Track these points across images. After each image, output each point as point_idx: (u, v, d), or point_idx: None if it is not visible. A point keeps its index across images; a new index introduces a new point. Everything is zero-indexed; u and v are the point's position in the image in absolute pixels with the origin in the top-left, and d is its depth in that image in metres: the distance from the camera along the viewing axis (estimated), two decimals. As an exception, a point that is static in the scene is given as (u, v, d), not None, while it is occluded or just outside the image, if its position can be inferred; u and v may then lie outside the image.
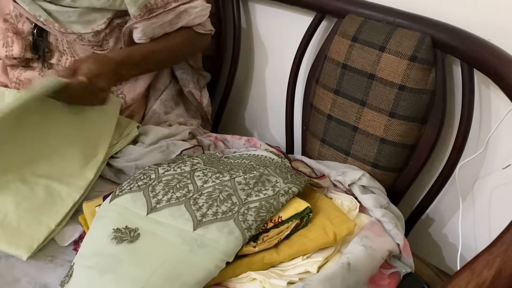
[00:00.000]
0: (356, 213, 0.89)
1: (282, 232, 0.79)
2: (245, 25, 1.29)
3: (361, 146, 1.00)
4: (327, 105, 1.04)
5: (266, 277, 0.72)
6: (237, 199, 0.80)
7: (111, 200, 0.81)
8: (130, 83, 1.10)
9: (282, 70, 1.22)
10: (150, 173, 0.87)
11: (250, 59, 1.33)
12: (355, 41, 0.98)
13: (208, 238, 0.73)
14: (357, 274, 0.74)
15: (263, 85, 1.34)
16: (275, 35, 1.25)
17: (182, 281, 0.66)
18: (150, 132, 1.08)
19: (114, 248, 0.70)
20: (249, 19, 1.29)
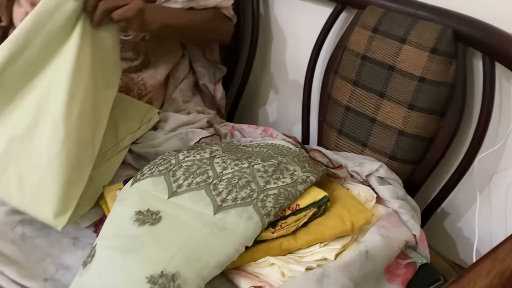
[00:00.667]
0: (373, 204, 0.90)
1: (300, 219, 0.80)
2: (263, 15, 1.30)
3: (378, 138, 1.00)
4: (345, 96, 1.04)
5: (284, 263, 0.73)
6: (256, 186, 0.81)
7: (132, 183, 0.82)
8: (150, 70, 1.11)
9: (300, 61, 1.23)
10: (170, 159, 0.88)
11: (267, 50, 1.34)
12: (376, 32, 0.98)
13: (228, 222, 0.74)
14: (375, 262, 0.74)
15: (279, 76, 1.35)
16: (294, 26, 1.25)
17: (202, 263, 0.67)
18: (170, 118, 1.10)
19: (136, 229, 0.71)
20: (267, 10, 1.29)
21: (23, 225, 0.82)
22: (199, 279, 0.66)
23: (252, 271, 0.74)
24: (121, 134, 0.98)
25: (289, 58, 1.30)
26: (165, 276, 0.63)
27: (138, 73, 1.10)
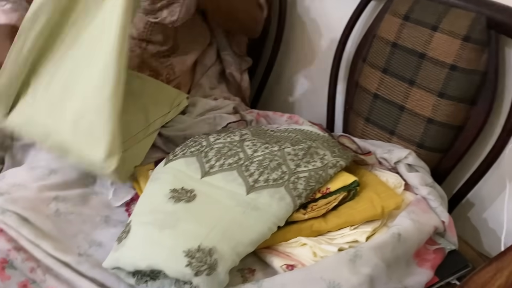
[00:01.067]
0: (401, 191, 0.90)
1: (330, 202, 0.80)
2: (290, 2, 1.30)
3: (407, 126, 1.01)
4: (374, 83, 1.04)
5: (316, 243, 0.74)
6: (286, 168, 0.82)
7: (165, 163, 0.83)
8: (179, 56, 1.12)
9: (326, 49, 1.23)
10: (201, 141, 0.89)
11: (293, 38, 1.34)
12: (407, 20, 0.98)
13: (260, 202, 0.75)
14: (406, 245, 0.75)
15: (304, 63, 1.35)
16: (321, 14, 1.25)
17: (237, 240, 0.68)
18: (198, 103, 1.11)
19: (172, 206, 0.72)
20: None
21: (57, 202, 0.84)
22: (234, 255, 0.67)
23: (284, 251, 0.75)
24: (151, 117, 1.00)
25: (315, 45, 1.30)
26: (202, 250, 0.65)
27: (167, 58, 1.11)
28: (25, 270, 0.74)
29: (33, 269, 0.74)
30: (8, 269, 0.76)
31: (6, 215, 0.78)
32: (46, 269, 0.74)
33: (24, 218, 0.78)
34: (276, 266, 0.72)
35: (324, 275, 0.66)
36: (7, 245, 0.75)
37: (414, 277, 0.75)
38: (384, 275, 0.69)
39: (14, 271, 0.75)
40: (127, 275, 0.70)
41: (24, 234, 0.76)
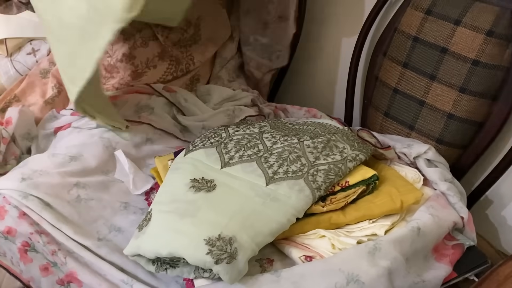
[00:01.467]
0: (420, 186, 0.90)
1: (349, 196, 0.81)
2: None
3: (426, 121, 1.00)
4: (394, 78, 1.03)
5: (335, 235, 0.74)
6: (306, 160, 0.82)
7: (185, 154, 0.84)
8: (200, 46, 1.13)
9: (345, 43, 1.22)
10: (220, 132, 0.90)
11: (312, 32, 1.34)
12: (429, 14, 0.97)
13: (280, 193, 0.75)
14: (425, 240, 0.75)
15: (322, 58, 1.34)
16: (341, 7, 1.25)
17: (257, 230, 0.69)
18: (215, 92, 1.12)
19: (192, 195, 0.73)
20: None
21: (78, 188, 0.85)
22: (253, 245, 0.67)
23: (302, 242, 0.75)
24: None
25: (334, 39, 1.29)
26: (223, 239, 0.65)
27: (188, 48, 1.12)
28: (46, 253, 0.76)
29: (54, 252, 0.76)
30: (31, 252, 0.78)
31: (29, 199, 0.79)
32: (67, 252, 0.76)
33: (46, 203, 0.80)
34: (294, 257, 0.72)
35: (343, 266, 0.67)
36: (29, 228, 0.77)
37: (433, 271, 0.75)
38: (402, 268, 0.69)
39: (36, 254, 0.77)
40: (147, 263, 0.72)
41: (46, 218, 0.78)
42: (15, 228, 0.77)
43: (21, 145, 0.99)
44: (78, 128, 0.99)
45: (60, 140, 0.98)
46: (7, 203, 0.79)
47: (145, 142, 1.00)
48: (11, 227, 0.78)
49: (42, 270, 0.78)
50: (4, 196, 0.80)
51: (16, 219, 0.78)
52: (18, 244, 0.78)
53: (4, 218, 0.78)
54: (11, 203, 0.79)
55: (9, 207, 0.79)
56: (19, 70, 1.14)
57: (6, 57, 1.13)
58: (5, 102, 1.06)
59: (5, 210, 0.79)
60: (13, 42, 1.13)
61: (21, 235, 0.77)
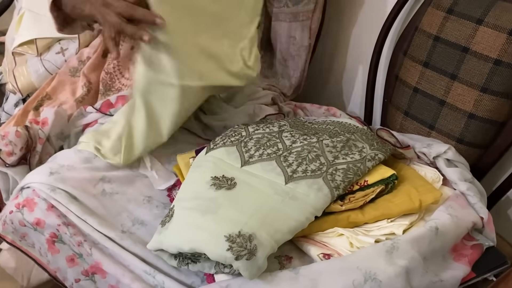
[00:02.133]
0: (439, 186, 0.90)
1: (368, 195, 0.81)
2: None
3: (447, 121, 1.00)
4: (414, 77, 1.03)
5: (353, 234, 0.75)
6: (325, 160, 0.83)
7: (206, 152, 0.86)
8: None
9: (366, 42, 1.22)
10: (240, 131, 0.92)
11: (332, 29, 1.34)
12: (450, 13, 0.96)
13: (298, 192, 0.76)
14: (443, 239, 0.75)
15: (343, 55, 1.35)
16: (362, 5, 1.25)
17: (276, 228, 0.71)
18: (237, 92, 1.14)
19: (214, 193, 0.75)
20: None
21: (103, 183, 0.88)
22: (273, 242, 0.69)
23: (320, 240, 0.76)
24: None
25: (354, 38, 1.30)
26: (243, 236, 0.67)
27: None
28: (73, 244, 0.79)
29: (80, 243, 0.79)
30: (58, 243, 0.81)
31: (56, 192, 0.83)
32: (92, 243, 0.79)
33: (73, 196, 0.83)
34: (313, 254, 0.74)
35: (361, 264, 0.68)
36: (57, 220, 0.80)
37: (451, 271, 0.75)
38: (420, 268, 0.70)
39: (63, 245, 0.81)
40: (170, 257, 0.74)
41: (73, 211, 0.81)
42: (43, 219, 0.81)
43: (55, 144, 1.03)
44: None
45: (87, 137, 1.01)
46: (36, 196, 0.83)
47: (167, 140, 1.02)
48: (40, 218, 0.81)
49: (68, 261, 0.81)
50: (34, 189, 0.84)
51: (45, 211, 0.81)
52: (47, 235, 0.81)
53: (33, 210, 0.82)
54: (40, 196, 0.83)
55: (38, 199, 0.82)
56: (49, 69, 1.17)
57: (36, 56, 1.17)
58: (38, 101, 1.10)
59: (35, 202, 0.82)
60: (42, 42, 1.17)
61: (49, 227, 0.81)
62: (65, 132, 1.03)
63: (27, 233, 0.83)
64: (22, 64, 1.17)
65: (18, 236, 0.85)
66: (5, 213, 0.85)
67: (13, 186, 0.92)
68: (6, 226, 0.85)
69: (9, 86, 1.18)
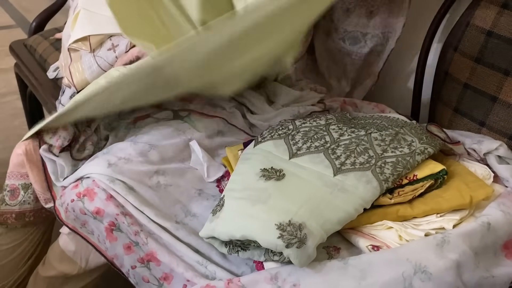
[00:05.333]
0: (490, 182, 0.88)
1: (417, 189, 0.81)
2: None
3: (499, 117, 0.98)
4: (465, 73, 1.02)
5: (402, 227, 0.75)
6: (373, 153, 0.83)
7: (255, 145, 0.88)
8: None
9: (414, 37, 1.21)
10: (287, 125, 0.93)
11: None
12: (506, 7, 0.95)
13: (347, 184, 0.77)
14: (495, 235, 0.74)
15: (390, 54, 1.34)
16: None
17: (325, 218, 0.72)
18: (282, 93, 1.15)
19: (263, 184, 0.77)
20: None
21: (158, 175, 0.92)
22: (322, 232, 0.70)
23: (368, 232, 0.77)
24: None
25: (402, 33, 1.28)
26: (293, 225, 0.69)
27: None
28: (130, 233, 0.83)
29: (137, 232, 0.82)
30: (116, 232, 0.85)
31: (115, 183, 0.87)
32: (148, 233, 0.83)
33: (130, 187, 0.87)
34: (361, 246, 0.74)
35: (411, 257, 0.68)
36: (115, 210, 0.84)
37: (503, 268, 0.74)
38: (471, 262, 0.69)
39: (121, 233, 0.85)
40: (220, 245, 0.76)
41: (130, 201, 0.85)
42: (103, 209, 0.85)
43: (102, 133, 1.08)
44: (156, 118, 1.06)
45: (140, 130, 1.06)
46: (96, 186, 0.87)
47: (216, 134, 1.06)
48: (100, 208, 0.85)
49: (125, 249, 0.85)
50: (94, 179, 0.88)
51: (104, 201, 0.86)
52: (105, 224, 0.85)
53: (93, 200, 0.86)
54: (100, 186, 0.87)
55: (98, 189, 0.87)
56: (101, 65, 1.23)
57: (89, 52, 1.23)
58: None
59: (95, 192, 0.87)
60: (95, 39, 1.22)
61: (108, 216, 0.85)
62: (113, 124, 1.08)
63: (87, 220, 0.88)
64: (77, 60, 1.23)
65: (79, 224, 0.90)
66: (66, 201, 0.90)
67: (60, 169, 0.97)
68: (68, 213, 0.90)
69: (65, 80, 1.24)
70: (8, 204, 1.00)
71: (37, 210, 1.02)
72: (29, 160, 0.96)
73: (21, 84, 1.65)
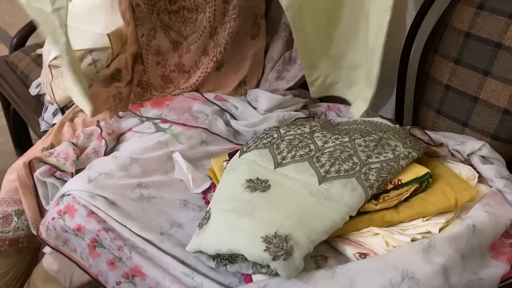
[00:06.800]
0: (475, 183, 0.88)
1: (402, 194, 0.81)
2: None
3: (480, 117, 0.98)
4: (446, 74, 1.03)
5: (388, 233, 0.75)
6: (357, 159, 0.83)
7: (240, 155, 0.88)
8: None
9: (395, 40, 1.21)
10: (272, 133, 0.93)
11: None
12: (481, 8, 0.95)
13: (333, 192, 0.77)
14: (481, 237, 0.74)
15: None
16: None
17: (311, 228, 0.71)
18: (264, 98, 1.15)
19: (249, 195, 0.76)
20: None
21: (140, 188, 0.91)
22: (309, 242, 0.70)
23: (356, 240, 0.76)
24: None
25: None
26: (279, 237, 0.68)
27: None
28: (113, 249, 0.82)
29: (120, 247, 0.81)
30: (98, 248, 0.84)
31: (96, 199, 0.86)
32: (132, 247, 0.82)
33: (112, 202, 0.86)
34: (349, 254, 0.74)
35: (398, 263, 0.68)
36: (97, 225, 0.83)
37: (490, 269, 0.74)
38: (458, 266, 0.69)
39: (103, 249, 0.83)
40: (208, 259, 0.76)
41: (112, 216, 0.84)
42: (84, 225, 0.84)
43: None
44: (139, 132, 1.05)
45: (122, 144, 1.05)
46: (76, 203, 0.86)
47: (199, 144, 1.05)
48: (81, 224, 0.84)
49: (109, 265, 0.84)
50: (74, 196, 0.87)
51: (85, 217, 0.84)
52: (87, 241, 0.84)
53: (74, 217, 0.85)
54: (80, 203, 0.86)
55: (78, 206, 0.86)
56: None
57: None
58: (73, 113, 1.14)
59: (75, 209, 0.86)
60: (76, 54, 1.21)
61: (89, 232, 0.84)
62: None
63: (68, 238, 0.87)
64: (58, 76, 1.21)
65: (60, 241, 0.89)
66: (47, 220, 0.88)
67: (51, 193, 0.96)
68: (49, 232, 0.88)
69: (47, 97, 1.22)
70: (1, 232, 0.98)
71: (31, 236, 1.01)
72: (22, 185, 0.96)
73: (4, 101, 1.63)
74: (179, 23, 1.17)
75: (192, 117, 1.09)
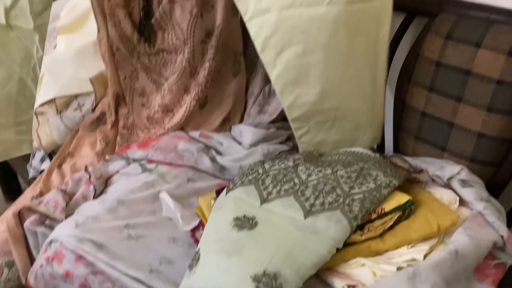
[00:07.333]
0: (456, 207, 0.91)
1: (386, 222, 0.83)
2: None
3: (457, 141, 1.02)
4: (421, 102, 1.06)
5: (375, 263, 0.76)
6: (341, 191, 0.85)
7: (226, 193, 0.89)
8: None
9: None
10: (257, 168, 0.95)
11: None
12: (449, 38, 1.00)
13: (318, 226, 0.79)
14: (464, 262, 0.76)
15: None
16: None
17: (299, 263, 0.73)
18: (248, 133, 1.17)
19: (236, 234, 0.78)
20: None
21: (128, 229, 0.92)
22: (297, 278, 0.71)
23: (344, 271, 0.78)
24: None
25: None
26: (268, 275, 0.69)
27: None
28: (102, 292, 0.82)
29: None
30: (87, 293, 0.84)
31: (83, 243, 0.87)
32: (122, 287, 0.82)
33: (100, 244, 0.87)
34: (337, 286, 0.75)
35: (385, 293, 0.69)
36: (85, 270, 0.84)
37: (476, 293, 0.76)
38: (444, 292, 0.71)
39: (92, 294, 0.84)
40: (200, 300, 0.76)
41: (100, 258, 0.85)
42: (72, 271, 0.85)
43: None
44: (126, 174, 1.06)
45: (110, 187, 1.06)
46: (64, 248, 0.87)
47: (186, 182, 1.06)
48: (69, 270, 0.85)
49: (99, 308, 0.84)
50: (61, 242, 0.88)
51: (73, 263, 0.85)
52: (76, 286, 0.85)
53: (62, 262, 0.86)
54: (68, 248, 0.87)
55: (66, 251, 0.87)
56: (68, 125, 1.23)
57: (56, 114, 1.24)
58: (60, 159, 1.15)
59: (63, 254, 0.87)
60: (61, 100, 1.24)
61: (78, 277, 0.84)
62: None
63: (57, 285, 0.87)
64: (44, 123, 1.23)
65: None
66: (36, 267, 0.89)
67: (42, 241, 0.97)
68: (38, 280, 0.89)
69: (35, 144, 1.24)
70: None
71: (21, 287, 1.00)
72: (12, 236, 0.96)
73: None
74: (159, 65, 1.20)
75: (178, 156, 1.11)
